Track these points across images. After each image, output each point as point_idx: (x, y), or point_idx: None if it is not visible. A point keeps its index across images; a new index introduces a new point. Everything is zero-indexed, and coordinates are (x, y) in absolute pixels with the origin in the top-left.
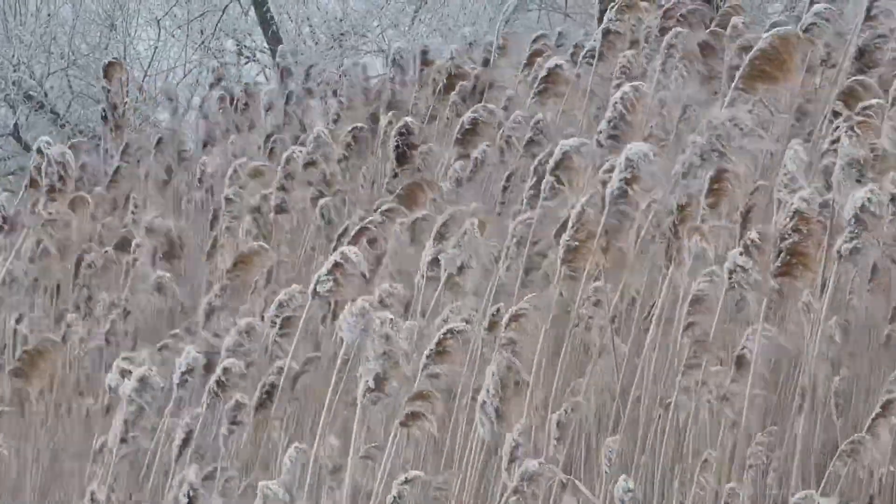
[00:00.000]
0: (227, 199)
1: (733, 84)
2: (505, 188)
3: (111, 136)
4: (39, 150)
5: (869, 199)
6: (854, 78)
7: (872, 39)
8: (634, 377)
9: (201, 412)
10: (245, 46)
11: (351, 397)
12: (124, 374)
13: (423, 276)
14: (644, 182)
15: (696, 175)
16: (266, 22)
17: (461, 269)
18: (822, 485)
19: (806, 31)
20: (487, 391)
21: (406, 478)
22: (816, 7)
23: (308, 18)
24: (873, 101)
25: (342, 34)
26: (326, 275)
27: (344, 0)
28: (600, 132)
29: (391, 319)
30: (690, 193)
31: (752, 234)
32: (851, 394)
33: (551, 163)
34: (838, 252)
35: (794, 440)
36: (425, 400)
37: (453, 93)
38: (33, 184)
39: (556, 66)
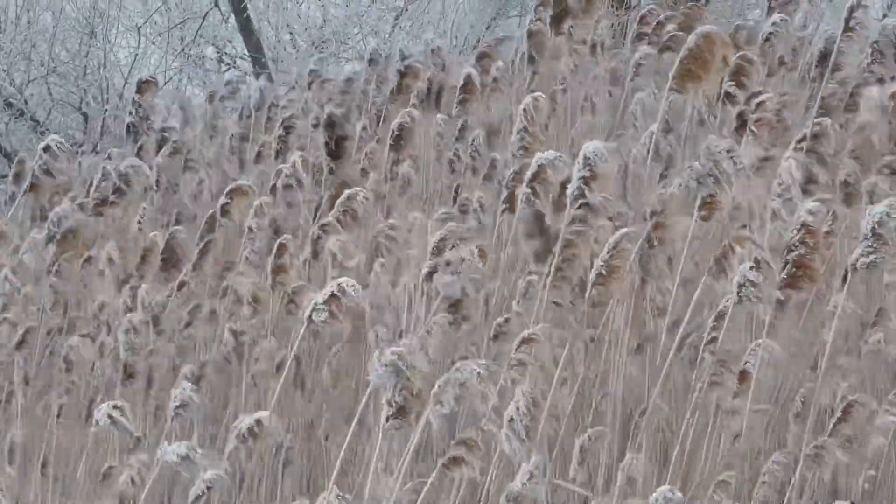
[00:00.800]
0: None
1: (668, 85)
2: (454, 199)
3: (133, 148)
4: (47, 148)
5: (888, 214)
6: (739, 53)
7: (832, 42)
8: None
9: (221, 475)
10: (225, 53)
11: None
12: (112, 417)
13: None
14: (603, 180)
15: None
16: (246, 29)
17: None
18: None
19: (766, 39)
20: (518, 409)
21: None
22: (774, 17)
23: (288, 25)
24: (767, 95)
25: (323, 41)
26: (322, 304)
27: (324, 7)
28: (512, 143)
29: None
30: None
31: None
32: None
33: (528, 174)
34: (853, 265)
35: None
36: (469, 447)
37: (413, 95)
38: (34, 188)
39: (469, 76)
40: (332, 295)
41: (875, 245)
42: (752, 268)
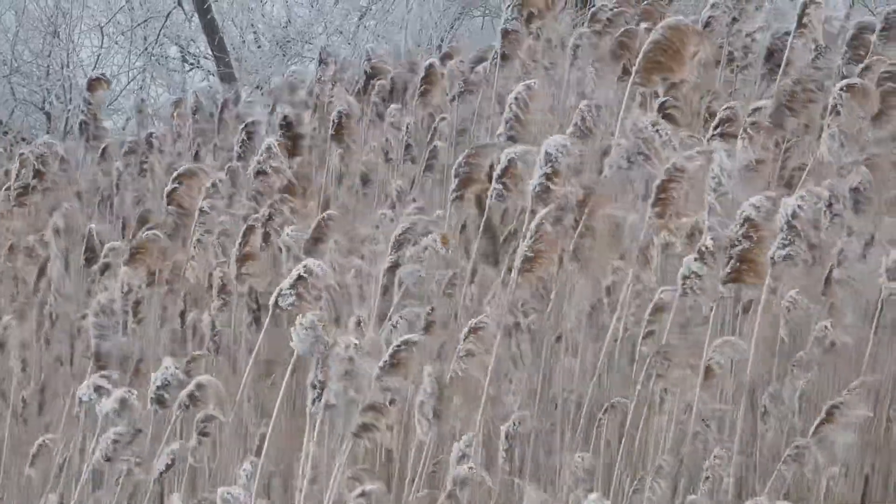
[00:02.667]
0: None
1: (631, 78)
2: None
3: (87, 145)
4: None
5: (799, 206)
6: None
7: (779, 37)
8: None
9: (186, 443)
10: (189, 53)
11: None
12: (98, 389)
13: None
14: (565, 175)
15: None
16: (210, 28)
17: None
18: (768, 489)
19: (706, 26)
20: (425, 391)
21: (363, 490)
22: (712, 1)
23: (252, 24)
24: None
25: (287, 41)
26: (289, 288)
27: (289, 7)
28: (499, 134)
29: (355, 344)
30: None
31: (707, 241)
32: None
33: (498, 170)
34: (772, 258)
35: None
36: (377, 412)
37: (373, 92)
38: None
39: (431, 65)
40: (300, 277)
41: (790, 237)
42: (696, 259)
